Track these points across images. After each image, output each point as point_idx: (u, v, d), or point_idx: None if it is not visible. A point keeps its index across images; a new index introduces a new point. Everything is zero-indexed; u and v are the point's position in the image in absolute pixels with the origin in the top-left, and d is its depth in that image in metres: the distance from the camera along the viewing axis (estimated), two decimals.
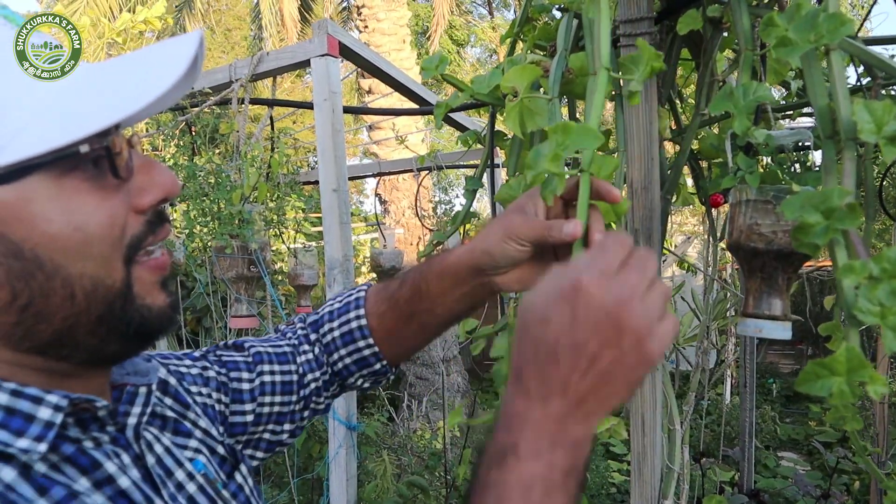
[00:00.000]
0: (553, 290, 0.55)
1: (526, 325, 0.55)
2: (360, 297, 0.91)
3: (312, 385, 0.89)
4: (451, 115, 2.38)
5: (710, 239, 1.64)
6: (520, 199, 0.75)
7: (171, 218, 2.06)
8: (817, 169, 1.05)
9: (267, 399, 0.84)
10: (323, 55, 1.66)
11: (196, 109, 1.80)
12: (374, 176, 3.61)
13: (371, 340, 0.88)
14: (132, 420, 0.60)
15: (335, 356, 0.90)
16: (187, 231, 1.82)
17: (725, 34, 1.27)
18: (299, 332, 0.93)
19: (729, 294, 2.64)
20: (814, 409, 5.68)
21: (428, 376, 6.27)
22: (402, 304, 0.86)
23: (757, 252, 1.02)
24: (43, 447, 0.49)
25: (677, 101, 1.51)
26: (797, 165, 1.09)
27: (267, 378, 0.85)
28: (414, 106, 2.32)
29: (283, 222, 1.97)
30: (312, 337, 0.91)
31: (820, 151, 1.11)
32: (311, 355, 0.90)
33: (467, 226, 1.65)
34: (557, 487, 0.52)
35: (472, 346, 1.31)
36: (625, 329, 0.52)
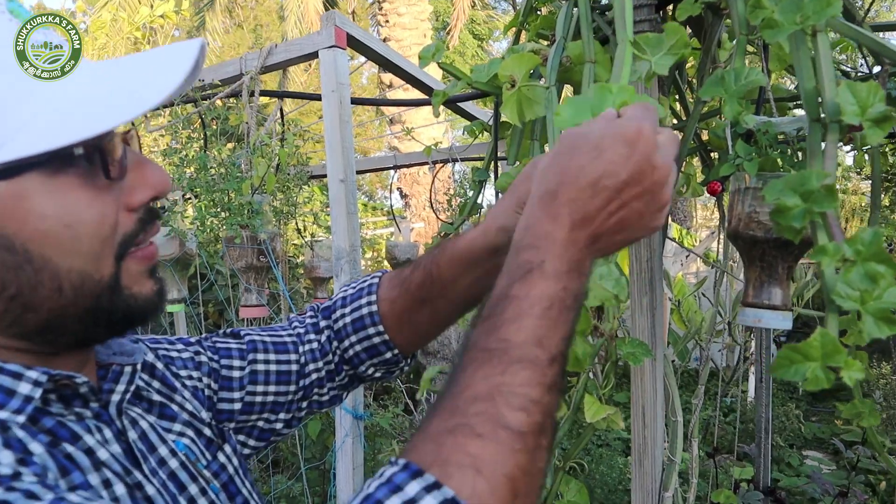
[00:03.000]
0: (613, 127, 0.55)
1: (575, 148, 0.56)
2: (373, 284, 0.89)
3: (314, 376, 0.88)
4: (462, 106, 2.38)
5: (720, 230, 1.61)
6: (525, 169, 0.74)
7: (184, 209, 2.09)
8: None
9: (259, 388, 0.83)
10: (330, 47, 1.67)
11: (207, 102, 1.82)
12: (392, 168, 3.62)
13: (381, 328, 0.86)
14: (116, 397, 0.61)
15: (346, 343, 0.88)
16: (199, 222, 1.84)
17: (729, 21, 1.25)
18: (308, 321, 0.92)
19: None
20: (840, 407, 5.56)
21: (447, 371, 6.27)
22: (414, 289, 0.84)
23: (756, 240, 1.00)
24: (21, 419, 0.50)
25: (687, 91, 1.49)
26: (799, 153, 1.07)
27: (260, 367, 0.84)
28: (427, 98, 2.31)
29: (293, 213, 1.98)
30: (322, 324, 0.90)
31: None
32: (315, 345, 0.89)
33: (473, 218, 1.65)
34: (569, 309, 0.53)
35: None
36: (659, 190, 0.55)
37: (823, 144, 0.68)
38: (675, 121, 1.51)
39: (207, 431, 0.73)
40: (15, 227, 0.49)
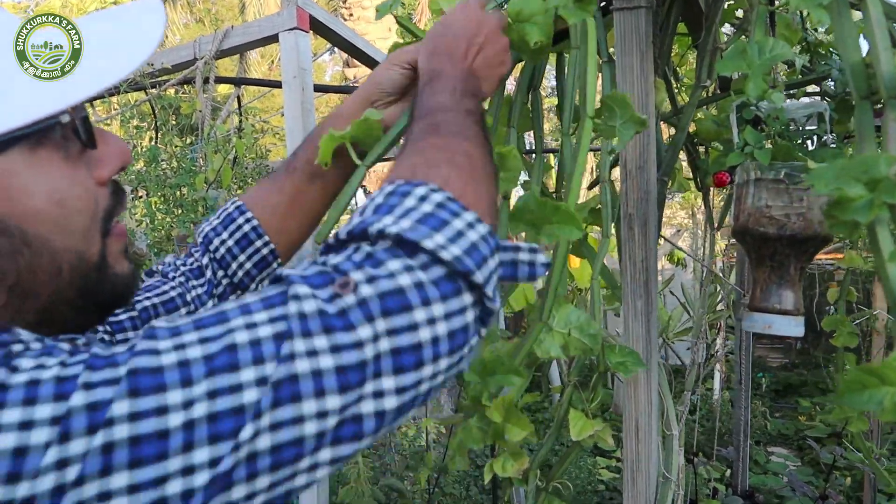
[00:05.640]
0: (451, 11, 0.79)
1: (434, 36, 0.76)
2: (239, 205, 0.87)
3: (199, 290, 0.83)
4: None
5: (708, 227, 1.53)
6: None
7: (133, 206, 1.93)
8: (834, 145, 0.95)
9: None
10: (292, 29, 1.54)
11: (154, 91, 1.67)
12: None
13: (266, 238, 0.84)
14: None
15: (234, 266, 0.84)
16: (149, 219, 1.69)
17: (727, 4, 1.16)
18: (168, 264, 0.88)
19: (719, 287, 2.54)
20: (803, 403, 5.62)
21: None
22: (301, 167, 0.86)
23: (767, 238, 0.91)
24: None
25: (672, 81, 1.40)
26: (809, 142, 0.98)
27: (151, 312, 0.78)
28: None
29: None
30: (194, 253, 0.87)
31: (838, 127, 1.01)
32: (185, 268, 0.84)
33: None
34: (471, 123, 0.63)
35: None
36: (496, 35, 0.76)
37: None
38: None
39: None
40: (6, 207, 0.47)
